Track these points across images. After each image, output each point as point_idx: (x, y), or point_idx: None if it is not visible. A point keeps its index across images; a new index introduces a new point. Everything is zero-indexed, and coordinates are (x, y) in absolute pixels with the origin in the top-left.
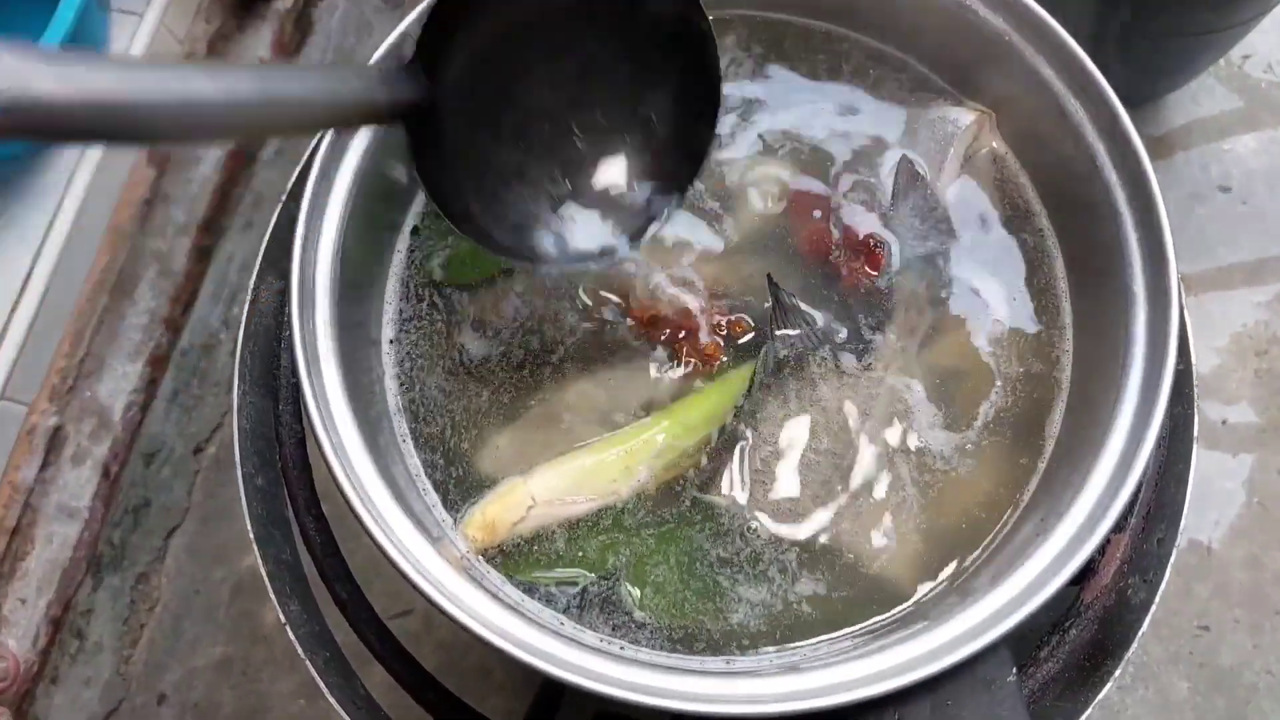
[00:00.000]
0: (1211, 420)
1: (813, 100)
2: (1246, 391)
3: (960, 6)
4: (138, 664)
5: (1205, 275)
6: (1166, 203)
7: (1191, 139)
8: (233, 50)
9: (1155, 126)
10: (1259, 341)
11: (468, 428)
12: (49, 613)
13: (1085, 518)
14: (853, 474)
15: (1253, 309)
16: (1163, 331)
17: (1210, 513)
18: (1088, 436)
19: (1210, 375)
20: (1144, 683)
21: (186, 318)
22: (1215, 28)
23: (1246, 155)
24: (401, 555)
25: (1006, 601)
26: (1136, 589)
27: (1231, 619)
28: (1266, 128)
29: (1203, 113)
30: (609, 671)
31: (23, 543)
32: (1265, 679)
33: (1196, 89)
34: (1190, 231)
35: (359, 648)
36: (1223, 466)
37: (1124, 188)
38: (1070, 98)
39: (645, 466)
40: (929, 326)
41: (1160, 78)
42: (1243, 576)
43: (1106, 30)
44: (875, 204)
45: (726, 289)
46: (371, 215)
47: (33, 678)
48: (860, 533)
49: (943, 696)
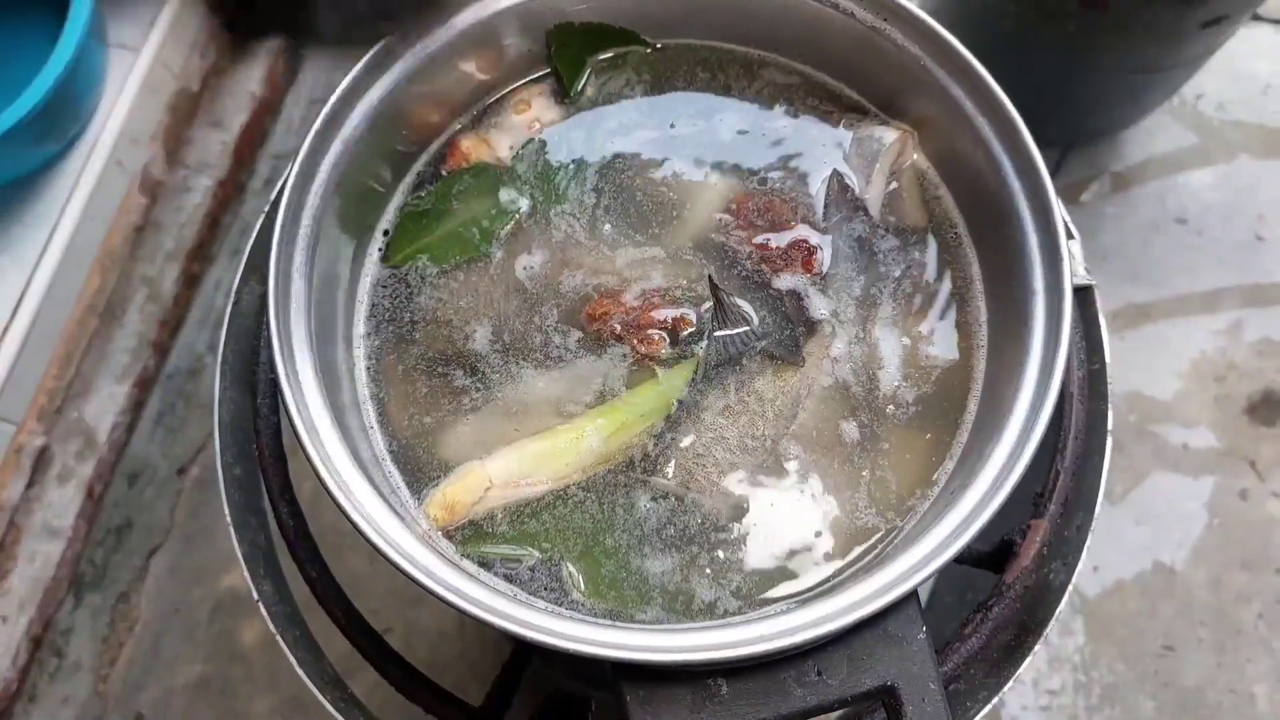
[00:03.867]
0: (1173, 444)
1: (752, 120)
2: (1206, 416)
3: (881, 36)
4: (116, 683)
5: (1164, 303)
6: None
7: (1148, 173)
8: (226, 84)
9: (1113, 161)
10: (1217, 367)
11: (431, 416)
12: (29, 631)
13: (986, 489)
14: (786, 459)
15: (1211, 336)
16: (1056, 322)
17: (1173, 534)
18: (994, 419)
19: (1171, 400)
20: (1110, 703)
21: (174, 342)
22: (1161, 66)
23: (1202, 189)
24: (369, 526)
25: (912, 564)
26: (1056, 571)
27: (1195, 639)
28: (1220, 163)
29: (1159, 149)
30: (550, 625)
31: (5, 560)
32: (1229, 698)
33: (1152, 126)
34: (1149, 261)
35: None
36: (1184, 489)
37: (1026, 196)
38: (979, 116)
39: (595, 452)
40: (857, 322)
41: (1114, 113)
42: (1206, 597)
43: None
44: (809, 213)
45: (671, 290)
46: (347, 217)
47: (11, 696)
48: (792, 512)
49: (858, 650)
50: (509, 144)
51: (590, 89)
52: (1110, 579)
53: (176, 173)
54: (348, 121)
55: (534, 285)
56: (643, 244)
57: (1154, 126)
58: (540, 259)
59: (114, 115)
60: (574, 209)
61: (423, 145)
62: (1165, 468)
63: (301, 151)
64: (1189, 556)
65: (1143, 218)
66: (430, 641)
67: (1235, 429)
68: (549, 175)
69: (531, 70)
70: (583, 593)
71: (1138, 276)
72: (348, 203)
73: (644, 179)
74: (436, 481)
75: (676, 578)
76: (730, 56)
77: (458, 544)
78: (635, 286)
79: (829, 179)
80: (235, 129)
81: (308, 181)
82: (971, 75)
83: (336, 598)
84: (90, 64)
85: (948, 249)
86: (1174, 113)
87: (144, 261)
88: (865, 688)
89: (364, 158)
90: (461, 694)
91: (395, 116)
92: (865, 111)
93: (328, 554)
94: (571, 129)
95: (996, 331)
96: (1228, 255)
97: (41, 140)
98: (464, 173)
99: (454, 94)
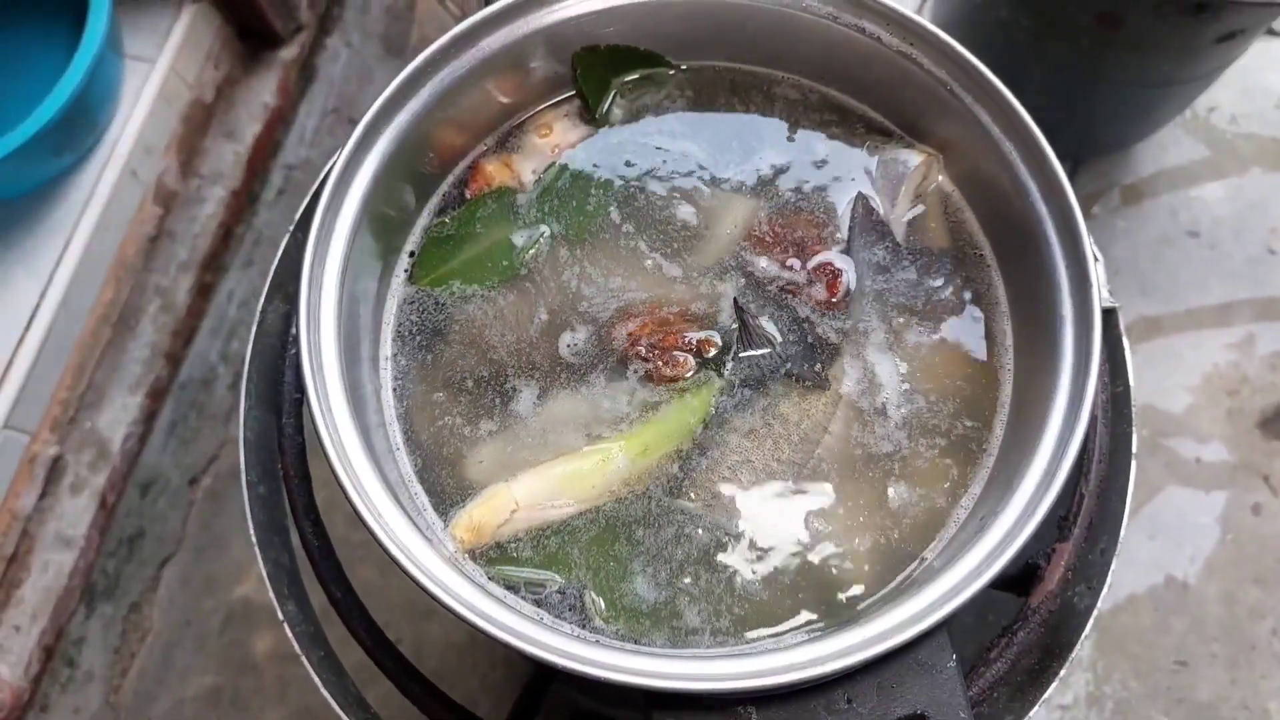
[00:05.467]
0: (1185, 458)
1: (776, 142)
2: (1218, 430)
3: (907, 60)
4: (127, 693)
5: (1176, 317)
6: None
7: (1160, 186)
8: (239, 95)
9: (1126, 174)
10: (1230, 381)
11: (457, 437)
12: (42, 640)
13: (1017, 517)
14: (812, 483)
15: (1223, 350)
16: (1086, 350)
17: (1186, 549)
18: (1023, 445)
19: (1183, 414)
20: (1123, 718)
21: (187, 352)
22: (1174, 80)
23: (1214, 202)
24: (396, 547)
25: (943, 593)
26: (1081, 595)
27: (1208, 654)
28: (1232, 176)
29: (1171, 162)
30: (577, 650)
31: (19, 570)
32: (1243, 714)
33: (1164, 139)
34: (1160, 275)
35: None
36: (1197, 503)
37: (1053, 220)
38: (1005, 140)
39: (621, 475)
40: (882, 346)
41: (1127, 127)
42: (1219, 611)
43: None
44: (834, 236)
45: (696, 311)
46: (374, 239)
47: (23, 706)
48: (819, 537)
49: (888, 679)
50: (531, 168)
51: (615, 110)
52: (1123, 593)
53: (190, 183)
54: (378, 143)
55: (558, 308)
56: (666, 265)
57: (1166, 139)
58: (564, 282)
59: (129, 126)
60: (597, 231)
61: (448, 167)
62: (1178, 482)
63: (334, 174)
64: (1201, 571)
65: (1154, 231)
66: (440, 652)
67: (1248, 443)
68: (571, 198)
69: (556, 93)
70: (606, 618)
71: (1149, 290)
72: (375, 224)
73: (667, 201)
74: (462, 503)
75: (702, 602)
76: (754, 78)
77: (483, 565)
78: (660, 308)
79: (854, 202)
80: (248, 139)
81: (338, 203)
82: (998, 99)
83: (360, 617)
84: (106, 76)
85: (972, 273)
86: (1186, 126)
87: (157, 272)
88: (895, 716)
89: (392, 179)
90: (472, 706)
91: (422, 138)
92: (890, 134)
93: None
94: (594, 151)
95: (1023, 356)
96: (1240, 269)
97: (58, 152)
98: (487, 196)
99: (480, 116)
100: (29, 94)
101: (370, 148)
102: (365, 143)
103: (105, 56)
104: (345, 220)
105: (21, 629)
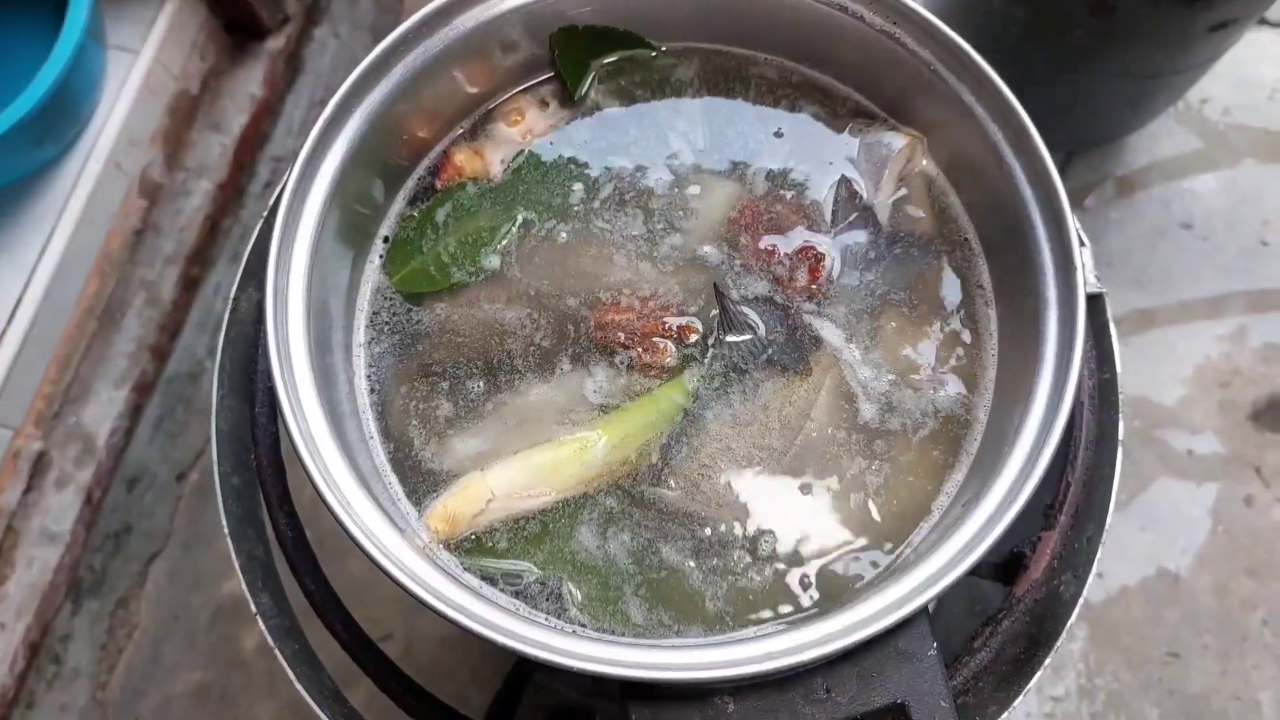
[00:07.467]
0: (1177, 450)
1: (759, 124)
2: (1210, 422)
3: (891, 40)
4: (115, 690)
5: (1168, 309)
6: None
7: (1153, 178)
8: (225, 86)
9: (1118, 166)
10: (1221, 373)
11: (431, 426)
12: (27, 637)
13: (999, 503)
14: (794, 470)
15: (1215, 342)
16: (1070, 334)
17: (1178, 540)
18: (1006, 431)
19: (1175, 406)
20: (1115, 710)
21: (173, 346)
22: (1166, 71)
23: (1206, 194)
24: (368, 540)
25: (923, 579)
26: (1066, 584)
27: (1200, 645)
28: (1225, 167)
29: (1163, 153)
30: (550, 641)
31: (3, 566)
32: (1234, 705)
33: (1157, 131)
34: (1154, 267)
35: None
36: (1189, 495)
37: (1038, 204)
38: (990, 122)
39: (599, 463)
40: (866, 332)
41: (1120, 118)
42: (1211, 603)
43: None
44: (816, 219)
45: (676, 297)
46: (345, 224)
47: (9, 703)
48: (800, 525)
49: (867, 667)
50: (501, 157)
51: (594, 93)
52: (1115, 585)
53: (176, 175)
54: (347, 126)
55: (536, 295)
56: (646, 251)
57: (1159, 131)
58: (539, 270)
59: (113, 117)
60: (574, 217)
61: (420, 154)
62: (1170, 474)
63: (301, 155)
64: (1193, 563)
65: (1147, 223)
66: (431, 648)
67: (1240, 435)
68: (546, 185)
69: (532, 75)
70: (581, 608)
71: (1142, 282)
72: (347, 209)
73: (646, 185)
74: (437, 493)
75: (681, 592)
76: (735, 60)
77: (460, 556)
78: (639, 294)
79: (837, 185)
80: (235, 131)
81: (306, 186)
82: (983, 80)
83: (335, 610)
84: (88, 66)
85: (957, 256)
86: (1179, 117)
87: (143, 265)
88: (875, 705)
89: (363, 164)
90: (463, 701)
91: (394, 123)
92: (874, 117)
93: (330, 561)
94: (568, 137)
95: (1007, 341)
96: (1233, 260)
97: (39, 142)
98: (458, 186)
99: (453, 99)
100: (9, 83)
101: (340, 130)
102: (335, 124)
103: (87, 46)
104: (315, 202)
105: (6, 625)
